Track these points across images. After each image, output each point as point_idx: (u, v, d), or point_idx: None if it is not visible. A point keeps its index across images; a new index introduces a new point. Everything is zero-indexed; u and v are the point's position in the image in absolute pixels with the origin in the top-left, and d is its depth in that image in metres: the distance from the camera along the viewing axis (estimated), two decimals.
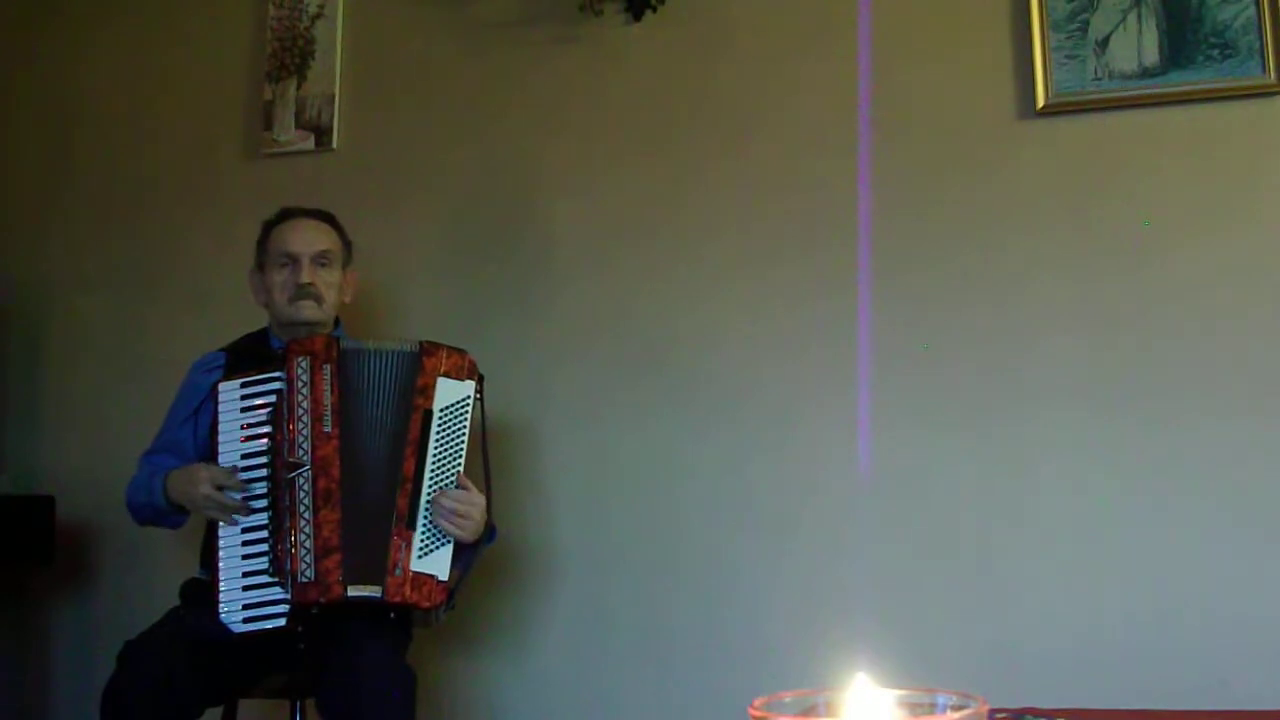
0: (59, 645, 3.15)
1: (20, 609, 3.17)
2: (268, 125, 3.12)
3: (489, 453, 2.30)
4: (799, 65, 2.80)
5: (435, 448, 2.20)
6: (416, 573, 2.14)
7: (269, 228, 2.50)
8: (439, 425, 2.21)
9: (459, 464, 2.22)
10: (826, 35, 2.79)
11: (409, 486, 2.18)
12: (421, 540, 2.16)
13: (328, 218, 2.52)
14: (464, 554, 2.23)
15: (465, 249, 2.99)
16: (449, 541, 2.19)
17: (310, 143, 3.09)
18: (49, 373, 3.25)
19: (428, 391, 2.22)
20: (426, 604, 2.14)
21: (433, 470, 2.20)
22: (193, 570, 2.40)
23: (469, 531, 2.20)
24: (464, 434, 2.24)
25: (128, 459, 2.50)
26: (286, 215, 2.50)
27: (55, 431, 3.22)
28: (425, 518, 2.17)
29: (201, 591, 2.25)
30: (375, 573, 2.12)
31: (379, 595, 2.11)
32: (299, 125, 3.10)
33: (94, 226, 3.25)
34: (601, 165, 2.91)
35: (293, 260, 2.42)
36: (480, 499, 2.22)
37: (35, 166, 3.34)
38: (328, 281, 2.44)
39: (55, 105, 3.34)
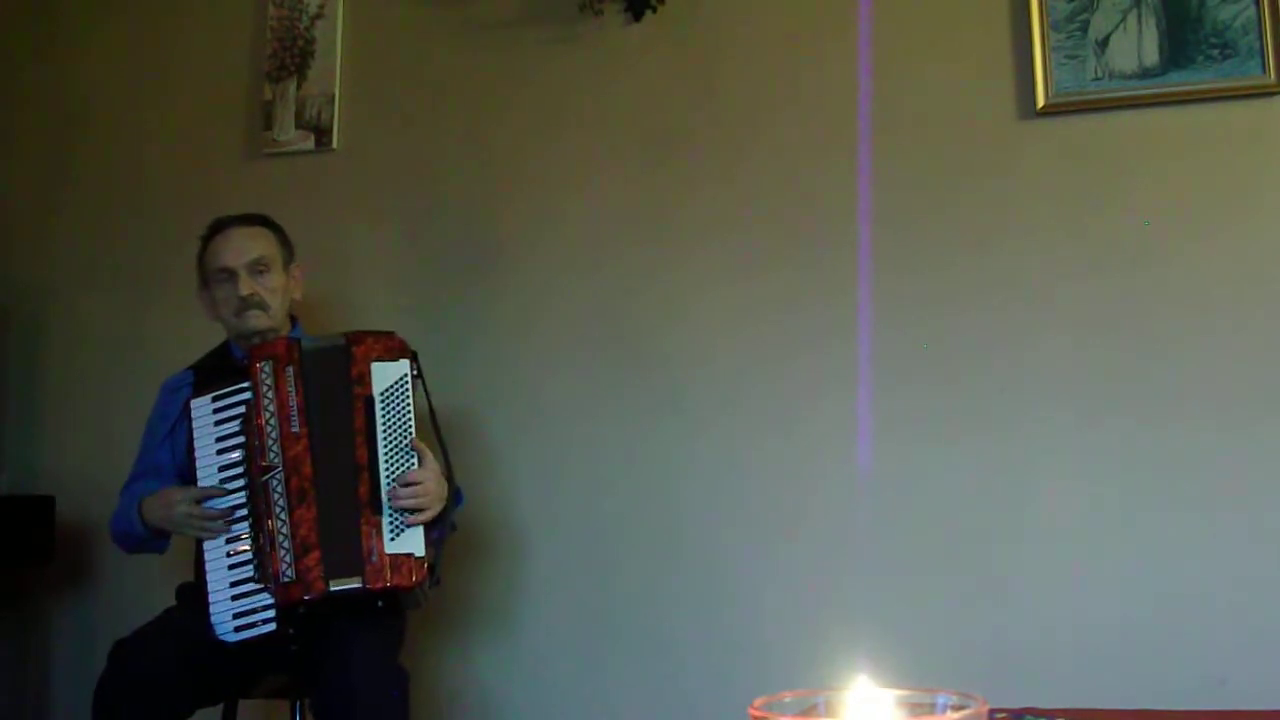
0: (59, 645, 3.15)
1: (20, 609, 3.17)
2: (268, 125, 3.12)
3: (438, 422, 2.31)
4: (799, 65, 2.80)
5: (384, 432, 2.21)
6: (393, 555, 2.14)
7: (203, 244, 2.48)
8: (383, 409, 2.22)
9: (410, 441, 2.23)
10: (826, 36, 2.79)
11: (366, 475, 2.19)
12: (390, 523, 2.16)
13: (259, 220, 2.50)
14: (435, 525, 2.24)
15: (464, 249, 2.99)
16: None
17: (310, 143, 3.09)
18: (49, 373, 3.25)
19: (364, 380, 2.24)
20: (408, 584, 2.14)
21: (386, 453, 2.20)
22: (189, 572, 2.40)
23: (430, 509, 2.20)
24: (409, 412, 2.25)
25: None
26: (216, 229, 2.48)
27: (55, 431, 3.22)
28: (389, 501, 2.18)
29: (196, 593, 2.25)
30: (354, 564, 2.13)
31: (361, 586, 2.11)
32: (299, 125, 3.10)
33: (94, 226, 3.25)
34: (602, 165, 2.91)
35: (230, 274, 2.41)
36: (428, 471, 2.22)
37: (35, 166, 3.34)
38: (269, 287, 2.42)
39: (55, 105, 3.34)
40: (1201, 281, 2.51)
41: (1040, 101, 2.61)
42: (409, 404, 2.25)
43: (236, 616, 2.14)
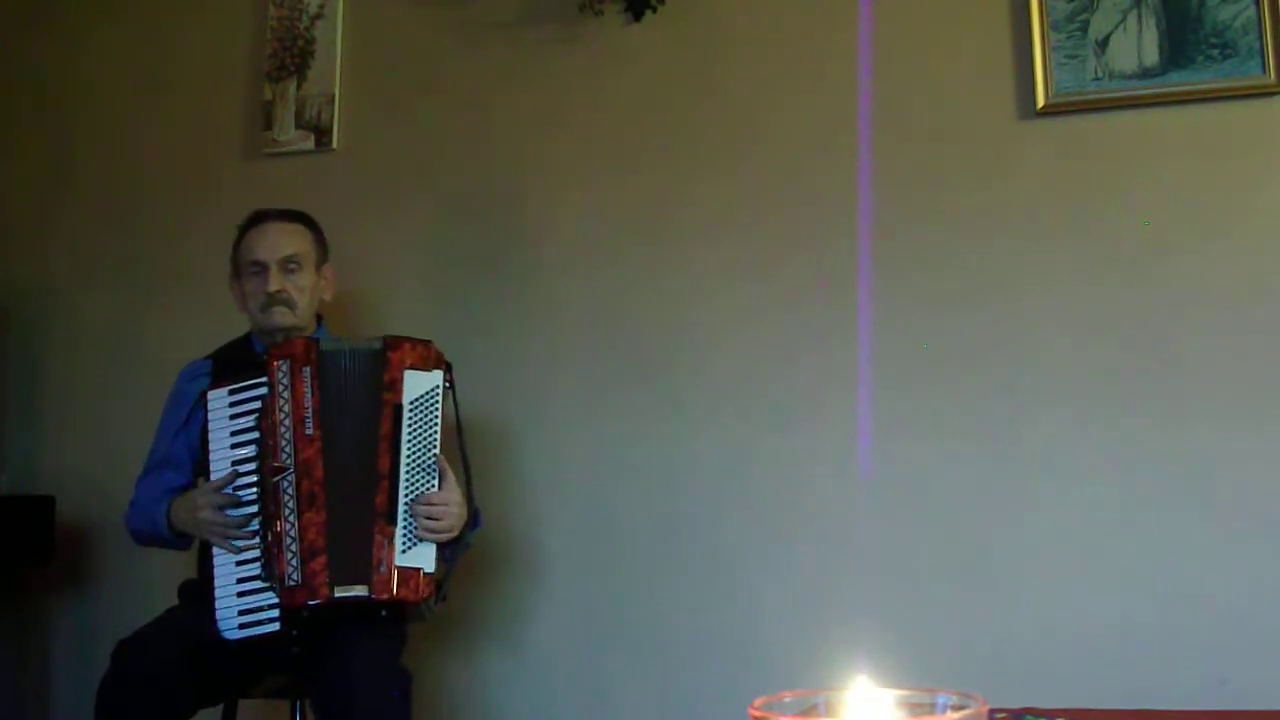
0: (59, 645, 3.15)
1: (20, 609, 3.17)
2: (268, 125, 3.12)
3: (465, 439, 2.29)
4: (799, 65, 2.80)
5: (409, 442, 2.20)
6: (401, 568, 2.13)
7: (240, 234, 2.47)
8: (410, 418, 2.21)
9: (434, 455, 2.21)
10: (826, 35, 2.79)
11: (386, 484, 2.17)
12: (403, 535, 2.15)
13: (298, 217, 2.49)
14: (449, 544, 2.22)
15: (464, 249, 2.99)
16: None
17: (310, 143, 3.09)
18: (49, 373, 3.25)
19: (396, 386, 2.22)
20: (414, 598, 2.13)
21: (408, 464, 2.19)
22: (192, 570, 2.40)
23: (447, 530, 2.19)
24: (437, 424, 2.23)
25: (128, 459, 2.50)
26: (255, 220, 2.46)
27: (55, 431, 3.22)
28: (405, 513, 2.17)
29: (199, 591, 2.25)
30: (361, 572, 2.11)
31: (366, 594, 2.10)
32: (299, 125, 3.10)
33: (94, 226, 3.25)
34: (601, 165, 2.91)
35: (261, 268, 2.40)
36: (452, 495, 2.20)
37: (35, 166, 3.34)
38: (299, 285, 2.41)
39: (55, 105, 3.34)
40: (1201, 281, 2.51)
41: (1040, 101, 2.61)
42: (437, 416, 2.23)
43: (241, 614, 2.13)
